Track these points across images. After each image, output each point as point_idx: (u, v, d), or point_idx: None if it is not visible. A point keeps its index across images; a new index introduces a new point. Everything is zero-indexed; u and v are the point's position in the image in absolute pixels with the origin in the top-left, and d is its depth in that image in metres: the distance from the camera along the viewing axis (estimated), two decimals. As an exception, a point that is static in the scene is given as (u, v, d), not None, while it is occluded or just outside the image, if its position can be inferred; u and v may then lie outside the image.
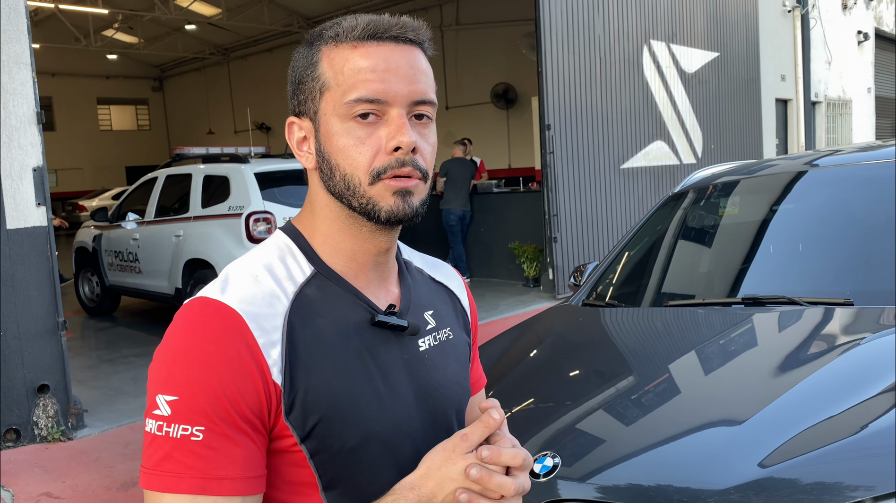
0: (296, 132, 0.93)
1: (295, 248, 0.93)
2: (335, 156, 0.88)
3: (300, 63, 0.92)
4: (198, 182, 7.12)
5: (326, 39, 0.89)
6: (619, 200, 9.42)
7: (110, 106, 26.72)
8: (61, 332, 4.63)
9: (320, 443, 0.85)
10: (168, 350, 0.83)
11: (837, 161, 3.26)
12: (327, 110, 0.88)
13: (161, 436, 0.81)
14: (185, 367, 0.81)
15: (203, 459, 0.80)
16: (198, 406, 0.80)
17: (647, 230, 3.38)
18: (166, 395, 0.81)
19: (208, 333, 0.82)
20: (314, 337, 0.87)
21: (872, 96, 18.18)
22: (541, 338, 2.74)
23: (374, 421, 0.88)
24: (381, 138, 0.87)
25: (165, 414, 0.80)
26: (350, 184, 0.88)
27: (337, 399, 0.86)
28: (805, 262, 2.79)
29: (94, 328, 8.21)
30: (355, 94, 0.86)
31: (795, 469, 1.52)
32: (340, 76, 0.87)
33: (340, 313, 0.90)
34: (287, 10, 18.65)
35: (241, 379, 0.81)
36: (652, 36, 9.92)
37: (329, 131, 0.88)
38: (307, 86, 0.90)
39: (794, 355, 2.09)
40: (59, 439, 4.58)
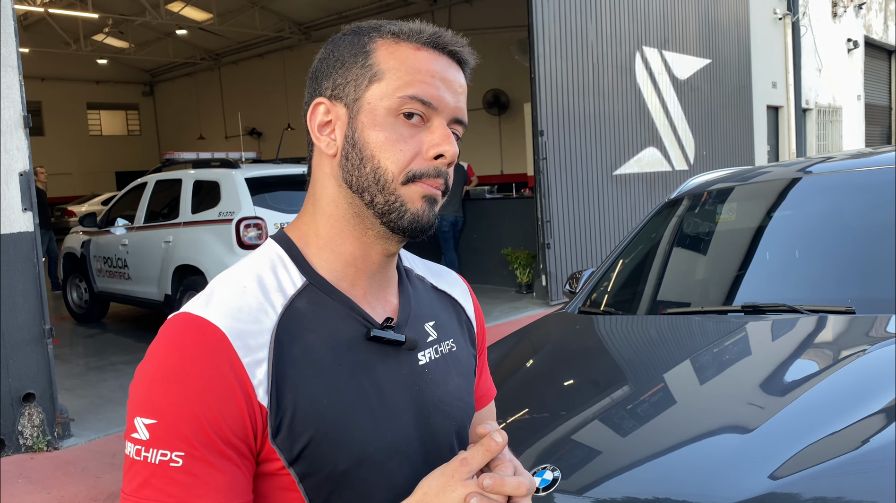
0: (320, 115, 0.87)
1: (286, 258, 0.88)
2: (372, 146, 0.84)
3: (345, 48, 0.88)
4: (188, 187, 7.05)
5: (385, 34, 0.87)
6: (612, 207, 9.41)
7: (100, 111, 26.57)
8: (47, 340, 4.55)
9: (310, 467, 0.80)
10: (148, 370, 0.79)
11: (831, 168, 3.24)
12: (373, 99, 0.84)
13: (139, 460, 0.76)
14: (164, 389, 0.76)
15: (183, 487, 0.75)
16: (177, 430, 0.75)
17: (643, 237, 3.34)
18: (145, 419, 0.76)
19: (189, 352, 0.77)
20: (304, 354, 0.82)
21: (862, 104, 18.29)
22: (538, 347, 2.69)
23: (367, 442, 0.83)
24: (421, 142, 0.85)
25: (144, 438, 0.76)
26: (381, 178, 0.84)
27: (327, 420, 0.81)
28: (804, 270, 2.76)
29: (82, 335, 8.11)
30: (411, 91, 0.83)
31: (804, 482, 1.47)
32: (400, 70, 0.84)
33: (333, 328, 0.85)
34: (279, 16, 18.60)
35: (223, 401, 0.77)
36: (644, 42, 9.93)
37: (372, 120, 0.84)
38: (353, 71, 0.86)
39: (797, 365, 2.05)
40: (44, 449, 4.50)
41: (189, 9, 18.03)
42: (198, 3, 17.70)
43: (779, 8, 13.67)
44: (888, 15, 19.62)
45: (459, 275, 1.10)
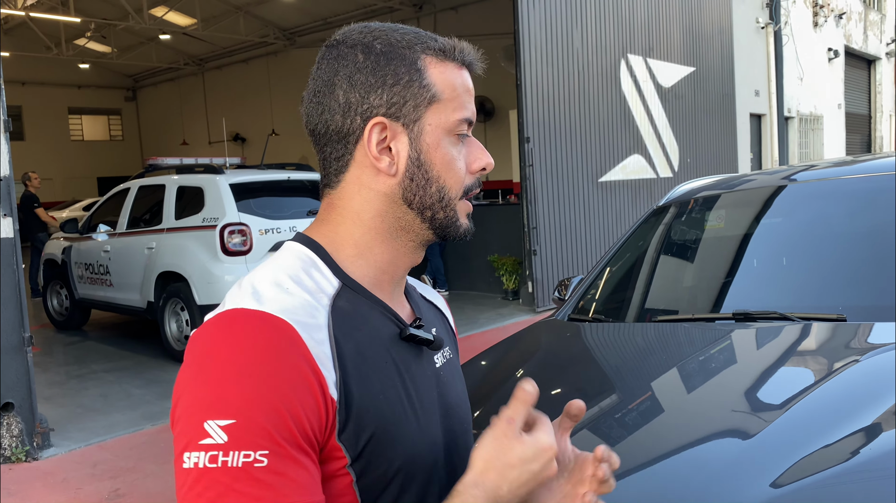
0: (377, 134, 0.85)
1: (317, 260, 0.86)
2: (438, 167, 0.86)
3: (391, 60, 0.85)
4: (171, 193, 6.97)
5: (430, 51, 0.88)
6: (598, 213, 9.43)
7: (82, 116, 26.30)
8: (27, 348, 4.46)
9: (368, 465, 0.79)
10: (213, 369, 0.73)
11: (816, 176, 3.26)
12: (434, 121, 0.86)
13: (216, 467, 0.70)
14: (240, 386, 0.72)
15: (271, 488, 0.70)
16: (260, 428, 0.71)
17: (632, 244, 3.34)
18: (219, 420, 0.71)
19: (261, 346, 0.74)
20: (356, 350, 0.81)
21: (843, 112, 18.51)
22: (528, 356, 2.67)
23: (416, 440, 0.83)
24: (465, 158, 0.89)
25: (220, 441, 0.71)
26: (446, 195, 0.87)
27: (384, 416, 0.80)
28: (794, 277, 2.76)
29: (63, 342, 7.99)
30: (464, 114, 0.88)
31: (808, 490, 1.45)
32: (455, 92, 0.87)
33: (373, 327, 0.85)
34: (263, 21, 18.54)
35: (302, 394, 0.74)
36: (629, 50, 9.98)
37: (436, 142, 0.86)
38: (411, 90, 0.85)
39: (791, 373, 2.04)
40: (23, 460, 4.41)
41: (173, 14, 17.92)
42: (182, 8, 17.60)
43: (761, 17, 13.81)
44: (868, 25, 19.90)
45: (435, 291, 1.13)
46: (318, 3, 16.60)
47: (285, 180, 7.00)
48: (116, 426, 5.06)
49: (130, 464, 4.38)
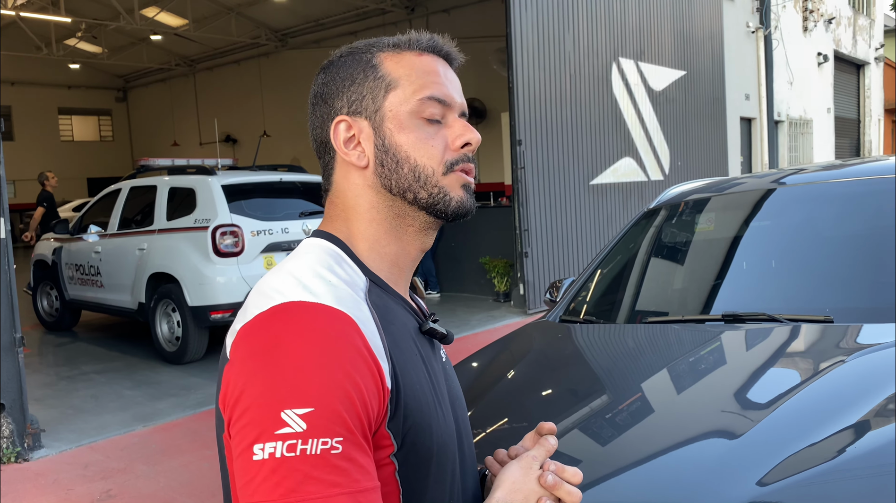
0: (343, 132, 0.91)
1: (345, 256, 0.89)
2: (406, 147, 0.88)
3: (349, 67, 0.92)
4: (163, 194, 6.96)
5: (385, 48, 0.93)
6: (589, 216, 9.47)
7: (72, 116, 26.16)
8: (18, 349, 4.45)
9: (409, 452, 0.81)
10: (285, 360, 0.74)
11: (804, 179, 3.29)
12: (394, 106, 0.89)
13: (294, 456, 0.71)
14: (314, 375, 0.73)
15: (346, 474, 0.72)
16: (336, 415, 0.73)
17: (622, 246, 3.37)
18: (298, 409, 0.72)
19: (330, 336, 0.76)
20: (394, 343, 0.83)
21: (832, 116, 18.64)
22: (520, 357, 2.69)
23: (442, 429, 0.87)
24: (445, 137, 0.90)
25: (299, 430, 0.72)
26: (422, 174, 0.88)
27: (422, 405, 0.83)
28: (783, 279, 2.79)
29: (53, 344, 7.96)
30: (428, 92, 0.89)
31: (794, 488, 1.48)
32: (412, 75, 0.90)
33: (402, 321, 0.89)
34: (255, 23, 18.51)
35: (368, 381, 0.76)
36: (621, 54, 10.03)
37: (399, 125, 0.89)
38: (366, 85, 0.90)
39: (778, 374, 2.07)
40: (14, 461, 4.39)
41: (164, 14, 17.87)
42: (173, 9, 17.55)
43: (751, 22, 13.90)
44: (857, 30, 20.06)
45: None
46: (309, 4, 16.59)
47: (277, 182, 7.01)
48: (107, 427, 5.05)
49: (122, 466, 4.38)
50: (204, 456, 4.42)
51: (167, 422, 5.15)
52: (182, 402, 5.54)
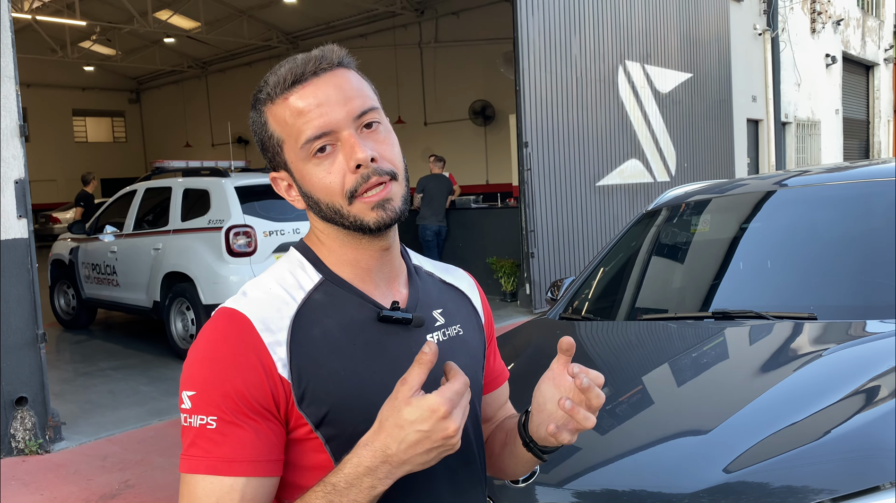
0: (280, 184, 1.05)
1: (305, 261, 1.05)
2: (315, 191, 1.00)
3: (256, 126, 1.04)
4: (177, 195, 7.13)
5: (263, 101, 1.01)
6: (595, 217, 9.58)
7: (86, 117, 26.49)
8: (40, 345, 4.62)
9: (333, 430, 0.95)
10: (192, 352, 0.97)
11: (805, 181, 3.39)
12: (292, 158, 1.00)
13: (186, 426, 0.94)
14: (201, 367, 0.94)
15: (216, 444, 0.92)
16: (211, 399, 0.92)
17: (622, 246, 3.49)
18: (188, 391, 0.94)
19: (220, 336, 0.95)
20: (321, 335, 0.98)
21: (840, 117, 18.65)
22: (519, 352, 2.82)
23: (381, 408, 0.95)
24: (342, 163, 0.97)
25: (188, 407, 0.94)
26: (334, 209, 0.99)
27: (345, 389, 0.96)
28: (772, 278, 2.92)
29: (70, 341, 8.15)
30: (304, 138, 0.97)
31: (759, 473, 1.62)
32: (287, 127, 0.98)
33: (347, 314, 1.01)
34: (266, 25, 18.71)
35: (247, 374, 0.93)
36: (627, 56, 10.14)
37: (301, 174, 1.00)
38: (268, 144, 1.02)
39: (759, 367, 2.20)
40: (36, 452, 4.57)
41: (177, 17, 18.10)
42: (186, 12, 17.77)
43: (758, 24, 13.96)
44: (866, 31, 20.05)
45: (468, 273, 1.25)
46: (320, 7, 16.76)
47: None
48: (124, 421, 5.22)
49: (139, 457, 4.54)
50: (218, 448, 4.58)
51: (182, 416, 5.31)
52: (196, 398, 5.69)
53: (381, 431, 0.87)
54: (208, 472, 0.91)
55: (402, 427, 0.85)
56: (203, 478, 0.91)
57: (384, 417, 0.88)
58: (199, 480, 0.92)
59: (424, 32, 17.02)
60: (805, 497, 1.58)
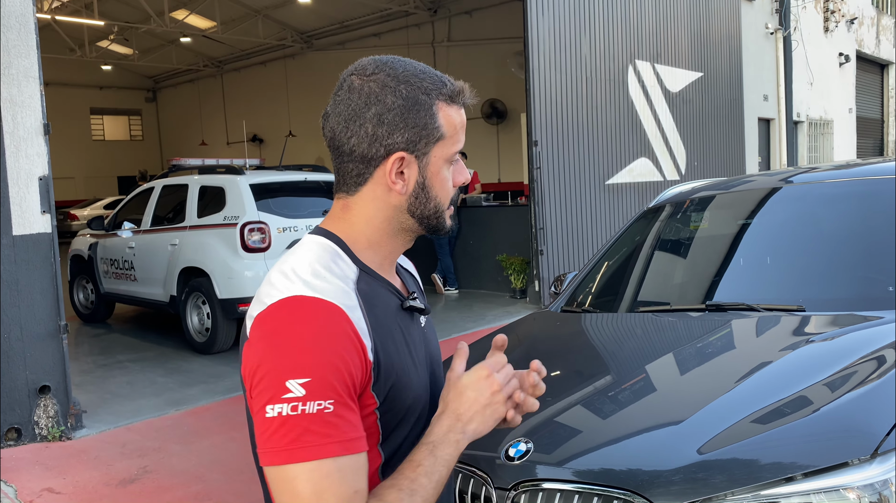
0: (397, 164, 1.09)
1: (339, 251, 1.11)
2: (436, 188, 1.13)
3: (414, 106, 1.08)
4: (194, 192, 7.30)
5: (441, 96, 1.11)
6: (604, 215, 9.67)
7: (103, 116, 26.85)
8: (62, 336, 4.79)
9: (390, 406, 1.08)
10: (288, 342, 0.98)
11: (809, 178, 3.46)
12: (438, 154, 1.12)
13: (296, 415, 0.95)
14: (311, 353, 0.97)
15: (336, 427, 0.97)
16: (328, 383, 0.97)
17: (624, 242, 3.60)
18: (298, 379, 0.96)
19: (322, 323, 0.99)
20: (377, 322, 1.07)
21: (854, 116, 18.59)
22: (520, 341, 2.94)
23: (416, 385, 1.12)
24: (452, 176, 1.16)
25: (300, 394, 0.95)
26: (439, 208, 1.14)
27: (399, 369, 1.08)
28: (766, 273, 3.02)
29: (90, 335, 8.35)
30: (457, 148, 1.14)
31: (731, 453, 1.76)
32: (453, 130, 1.12)
33: (385, 302, 1.12)
34: (281, 24, 18.90)
35: (353, 357, 1.00)
36: (637, 56, 10.22)
37: (437, 170, 1.12)
38: (425, 131, 1.09)
39: (745, 355, 2.31)
40: (58, 438, 4.74)
41: (193, 17, 18.33)
42: (202, 12, 18.00)
43: (770, 23, 13.97)
44: (880, 30, 19.96)
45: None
46: (334, 6, 16.92)
47: (302, 181, 7.32)
48: (142, 410, 5.39)
49: (157, 445, 4.70)
50: (232, 437, 4.73)
51: (198, 406, 5.48)
52: (212, 389, 5.86)
53: (448, 403, 1.09)
54: (339, 453, 0.96)
55: (461, 393, 1.09)
56: (333, 460, 0.95)
57: (447, 396, 1.10)
58: (327, 464, 0.95)
59: (437, 32, 17.14)
60: (778, 471, 1.70)
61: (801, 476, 1.68)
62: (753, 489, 1.67)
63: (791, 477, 1.68)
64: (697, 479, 1.73)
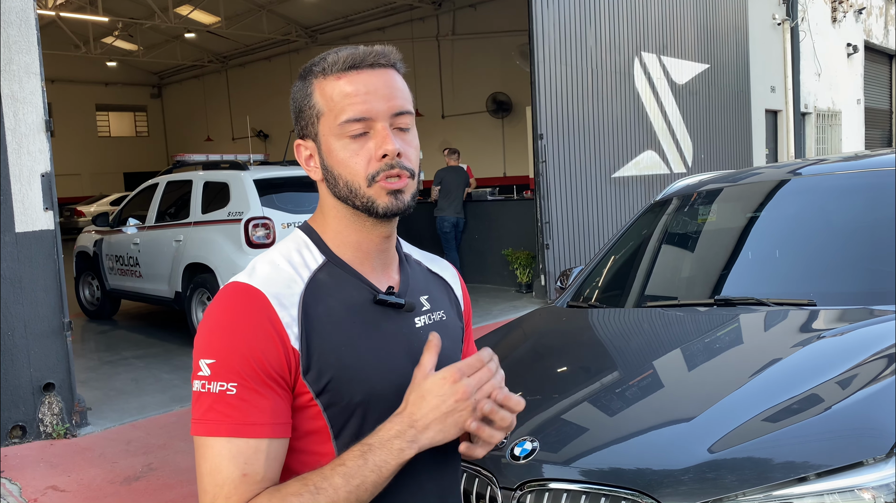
0: (303, 152, 1.13)
1: (309, 242, 1.13)
2: (337, 167, 1.08)
3: (298, 95, 1.11)
4: (198, 188, 7.28)
5: (316, 74, 1.09)
6: (611, 208, 9.62)
7: (109, 112, 26.88)
8: (66, 333, 4.78)
9: (332, 398, 1.04)
10: (207, 323, 1.03)
11: (818, 170, 3.41)
12: (325, 131, 1.08)
13: (204, 392, 1.00)
14: (220, 336, 1.00)
15: (237, 409, 0.99)
16: (231, 366, 0.99)
17: (631, 236, 3.55)
18: (206, 359, 1.00)
19: (238, 308, 1.02)
20: (325, 312, 1.06)
21: (862, 107, 18.44)
22: (527, 337, 2.90)
23: (376, 381, 1.07)
24: (371, 149, 1.06)
25: (206, 374, 1.00)
26: (351, 188, 1.07)
27: (344, 362, 1.05)
28: (775, 266, 2.97)
29: (95, 331, 8.35)
30: (344, 117, 1.05)
31: (743, 451, 1.71)
32: (331, 103, 1.07)
33: (347, 294, 1.10)
34: (285, 19, 18.86)
35: (265, 344, 1.00)
36: (643, 48, 10.14)
37: (329, 148, 1.08)
38: (306, 113, 1.10)
39: (755, 351, 2.27)
40: (63, 436, 4.73)
41: (197, 12, 18.30)
42: (206, 7, 17.97)
43: (777, 13, 13.85)
44: (888, 20, 19.78)
45: (450, 263, 1.36)
46: (339, 1, 16.87)
47: (306, 176, 7.25)
48: (147, 407, 5.38)
49: (161, 442, 4.69)
50: (238, 434, 4.71)
51: (203, 403, 5.45)
52: (217, 385, 5.84)
53: (407, 405, 1.02)
54: (231, 435, 0.98)
55: (422, 396, 1.01)
56: (227, 440, 0.98)
57: (409, 397, 1.02)
58: (221, 443, 0.98)
59: (442, 25, 17.07)
60: (791, 471, 1.65)
61: (814, 476, 1.64)
62: (765, 489, 1.63)
63: (804, 477, 1.63)
64: (708, 479, 1.69)
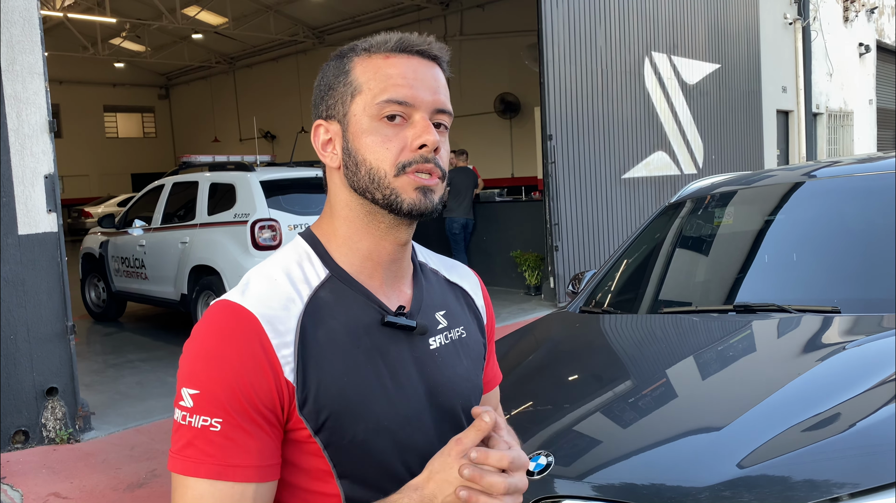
0: (321, 134, 0.99)
1: (312, 253, 0.99)
2: (362, 151, 0.94)
3: (330, 73, 0.99)
4: (204, 189, 7.22)
5: (359, 52, 0.98)
6: (620, 210, 9.51)
7: (117, 113, 26.93)
8: (70, 336, 4.72)
9: (332, 436, 0.92)
10: (193, 347, 0.91)
11: (833, 173, 3.32)
12: (357, 111, 0.95)
13: (185, 425, 0.88)
14: (206, 364, 0.88)
15: (221, 448, 0.87)
16: (216, 400, 0.87)
17: (645, 239, 3.46)
18: (190, 389, 0.88)
19: (227, 333, 0.89)
20: (326, 337, 0.93)
21: (874, 108, 18.26)
22: (539, 344, 2.82)
23: (382, 415, 0.94)
24: (406, 138, 0.94)
25: (188, 405, 0.88)
26: (375, 176, 0.94)
27: (346, 395, 0.92)
28: (796, 271, 2.87)
29: (100, 333, 8.30)
30: (386, 96, 0.93)
31: (773, 468, 1.61)
32: (373, 80, 0.95)
33: (352, 315, 0.96)
34: (293, 20, 18.82)
35: (255, 376, 0.88)
36: (653, 48, 10.03)
37: (358, 129, 0.95)
38: (338, 91, 0.97)
39: (780, 361, 2.17)
40: (66, 441, 4.67)
41: (205, 13, 18.29)
42: (214, 8, 17.95)
43: (789, 13, 13.72)
44: (901, 19, 19.58)
45: (472, 270, 1.21)
46: (346, 1, 16.82)
47: (313, 177, 7.21)
48: (152, 412, 5.31)
49: (166, 447, 4.60)
50: (243, 439, 4.64)
51: (208, 407, 5.38)
52: (222, 389, 5.77)
53: (430, 481, 0.89)
54: (211, 477, 0.87)
55: (451, 483, 0.87)
56: (209, 482, 0.87)
57: (435, 469, 0.89)
58: (203, 485, 0.87)
59: (450, 26, 16.98)
60: (824, 491, 1.56)
61: (846, 496, 1.54)
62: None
63: (836, 497, 1.54)
64: (731, 498, 1.60)
